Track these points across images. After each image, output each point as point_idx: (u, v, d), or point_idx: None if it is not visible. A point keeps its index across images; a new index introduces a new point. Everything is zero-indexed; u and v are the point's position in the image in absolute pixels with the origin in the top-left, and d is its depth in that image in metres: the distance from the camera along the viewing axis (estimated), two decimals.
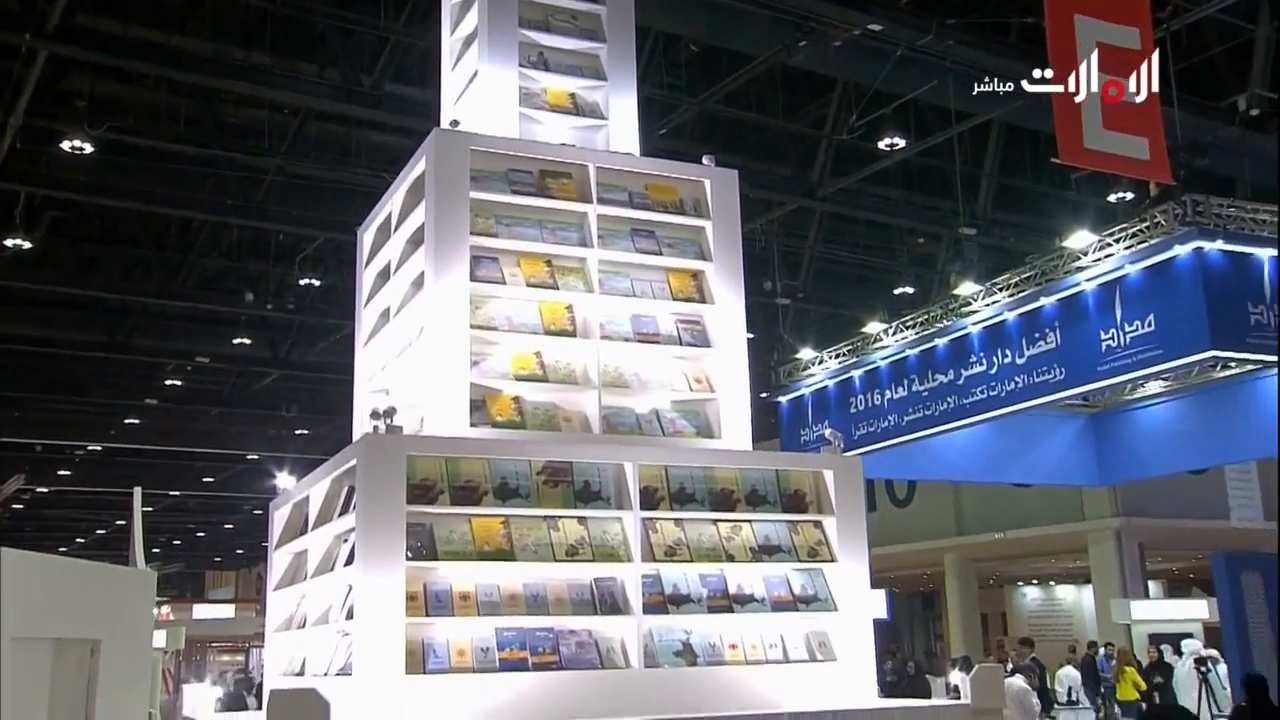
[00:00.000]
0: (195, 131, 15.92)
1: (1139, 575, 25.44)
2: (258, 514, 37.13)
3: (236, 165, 16.39)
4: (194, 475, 36.30)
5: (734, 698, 6.49)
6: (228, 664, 39.09)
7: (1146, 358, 12.88)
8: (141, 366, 24.70)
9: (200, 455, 32.71)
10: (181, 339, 23.19)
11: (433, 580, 6.26)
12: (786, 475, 7.06)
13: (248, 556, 53.97)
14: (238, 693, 19.10)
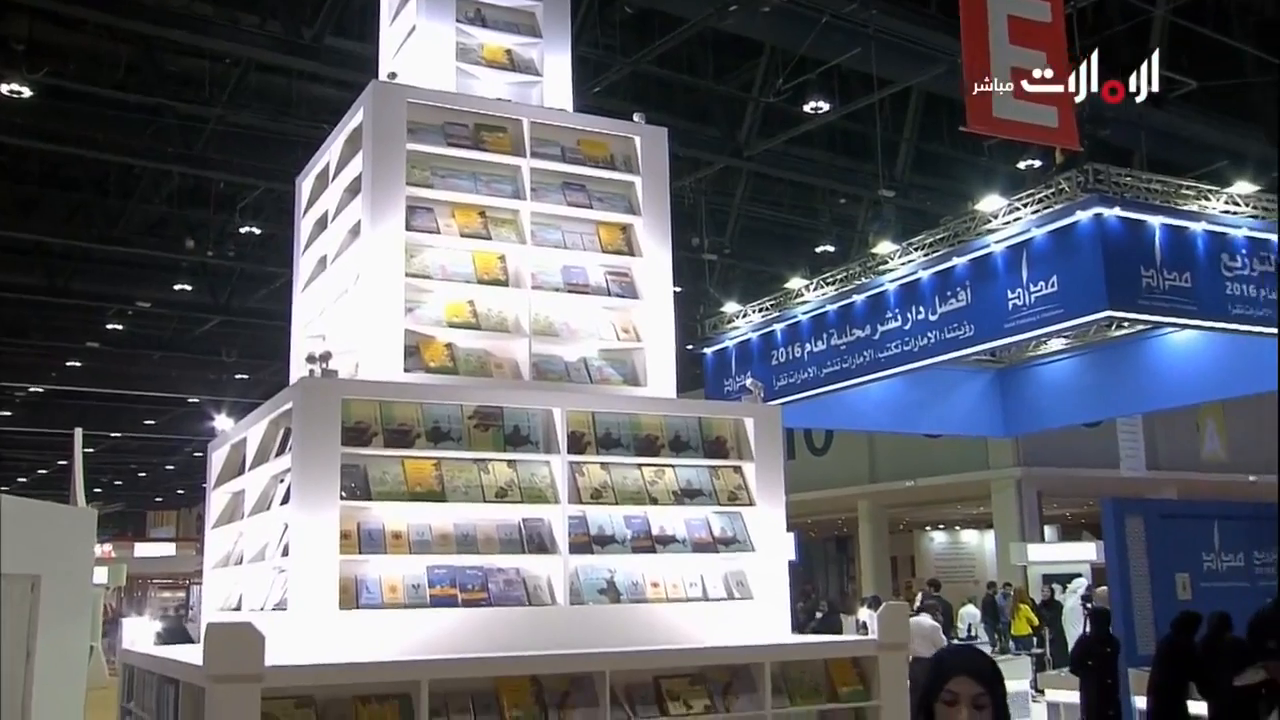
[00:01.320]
0: (136, 79, 15.58)
1: (1036, 520, 26.01)
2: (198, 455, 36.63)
3: (178, 113, 16.08)
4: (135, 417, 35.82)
5: (655, 633, 6.53)
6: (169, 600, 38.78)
7: (1049, 316, 13.04)
8: (83, 310, 24.28)
9: (141, 398, 32.29)
10: (123, 284, 22.81)
11: (366, 519, 6.21)
12: (709, 422, 7.07)
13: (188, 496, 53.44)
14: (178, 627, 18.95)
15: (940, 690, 2.74)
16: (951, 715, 2.72)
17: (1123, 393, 18.74)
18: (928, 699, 2.78)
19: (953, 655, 2.91)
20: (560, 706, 6.04)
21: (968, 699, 2.72)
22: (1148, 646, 11.45)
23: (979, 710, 2.72)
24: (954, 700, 2.72)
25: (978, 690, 2.74)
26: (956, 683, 2.73)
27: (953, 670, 2.76)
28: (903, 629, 6.70)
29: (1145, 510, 12.97)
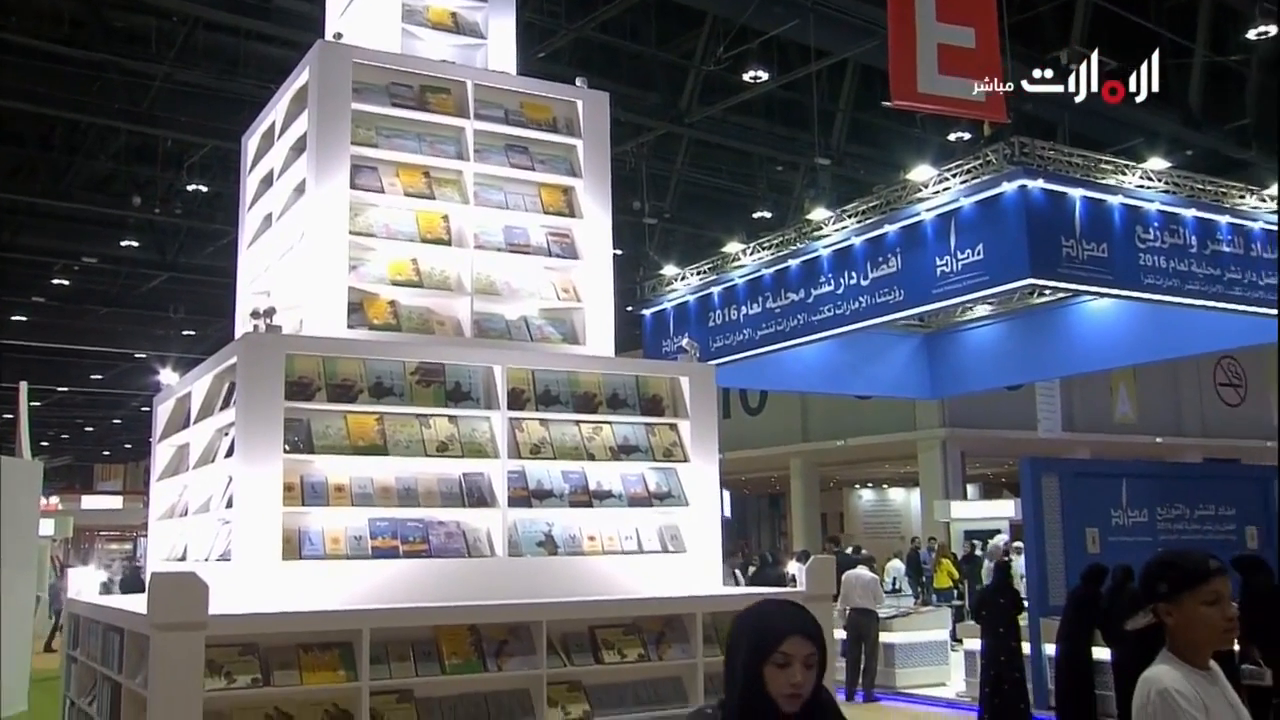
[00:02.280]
0: (81, 34, 15.20)
1: (959, 479, 26.41)
2: (145, 410, 36.16)
3: (124, 70, 15.74)
4: (82, 372, 35.25)
5: (591, 585, 6.55)
6: (116, 552, 38.44)
7: (975, 283, 13.18)
8: (29, 265, 23.79)
9: (88, 353, 31.75)
10: (69, 239, 22.39)
11: (309, 472, 6.17)
12: (645, 381, 7.08)
13: (135, 451, 52.74)
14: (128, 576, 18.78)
15: (772, 652, 2.54)
16: (783, 677, 2.53)
17: (1042, 358, 19.06)
18: (756, 660, 2.55)
19: (784, 615, 2.63)
20: (498, 655, 6.05)
21: (801, 659, 2.55)
22: (1059, 597, 11.70)
23: (808, 670, 2.56)
24: (787, 662, 2.54)
25: (810, 650, 2.58)
26: (791, 644, 2.55)
27: (787, 631, 2.57)
28: (829, 582, 6.79)
29: (1060, 469, 13.23)
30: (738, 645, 2.64)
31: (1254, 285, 14.19)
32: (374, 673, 5.71)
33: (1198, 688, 2.89)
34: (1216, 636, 2.96)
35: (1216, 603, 2.95)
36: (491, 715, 6.01)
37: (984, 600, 11.89)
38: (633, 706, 6.22)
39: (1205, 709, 2.84)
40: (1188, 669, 2.93)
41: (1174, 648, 2.98)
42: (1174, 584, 2.99)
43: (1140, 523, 13.00)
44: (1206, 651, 2.99)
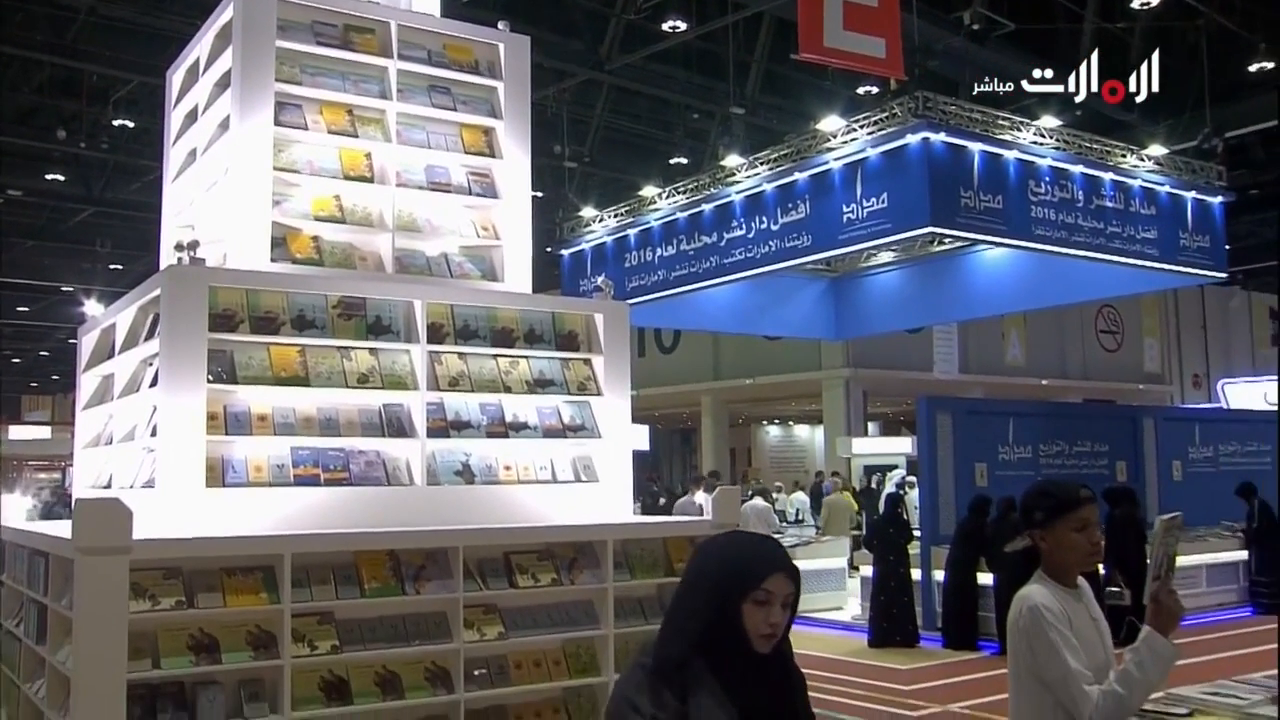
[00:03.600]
0: None
1: (861, 417, 26.82)
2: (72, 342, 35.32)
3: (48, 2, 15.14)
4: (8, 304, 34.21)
5: (507, 512, 6.58)
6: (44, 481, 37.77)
7: (878, 230, 13.32)
8: None
9: (13, 285, 30.80)
10: None
11: (232, 402, 6.10)
12: (561, 317, 7.07)
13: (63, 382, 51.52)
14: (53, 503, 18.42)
15: (755, 589, 2.33)
16: (762, 615, 2.33)
17: (940, 303, 19.38)
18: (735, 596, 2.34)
19: (768, 552, 2.43)
20: (416, 579, 6.06)
21: (782, 598, 2.36)
22: (949, 527, 11.99)
23: (784, 610, 2.37)
24: (768, 600, 2.33)
25: (790, 590, 2.38)
26: (774, 581, 2.34)
27: (771, 568, 2.36)
28: (734, 511, 6.87)
29: (953, 408, 13.49)
30: (708, 579, 2.38)
31: (1133, 239, 14.54)
32: (295, 596, 5.69)
33: (1064, 605, 3.00)
34: (1084, 559, 3.08)
35: (1085, 529, 3.07)
36: (410, 636, 6.03)
37: (876, 530, 12.15)
38: (546, 628, 6.27)
39: (1069, 623, 2.95)
40: (1057, 588, 3.05)
41: (1046, 569, 3.10)
42: (1048, 511, 3.10)
43: (1025, 458, 13.34)
44: (1074, 573, 3.11)
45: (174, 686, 5.48)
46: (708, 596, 2.35)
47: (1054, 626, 2.92)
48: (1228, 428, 17.27)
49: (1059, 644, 2.89)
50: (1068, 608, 3.01)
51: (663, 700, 2.22)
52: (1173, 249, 15.10)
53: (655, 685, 2.25)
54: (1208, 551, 13.88)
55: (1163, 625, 2.84)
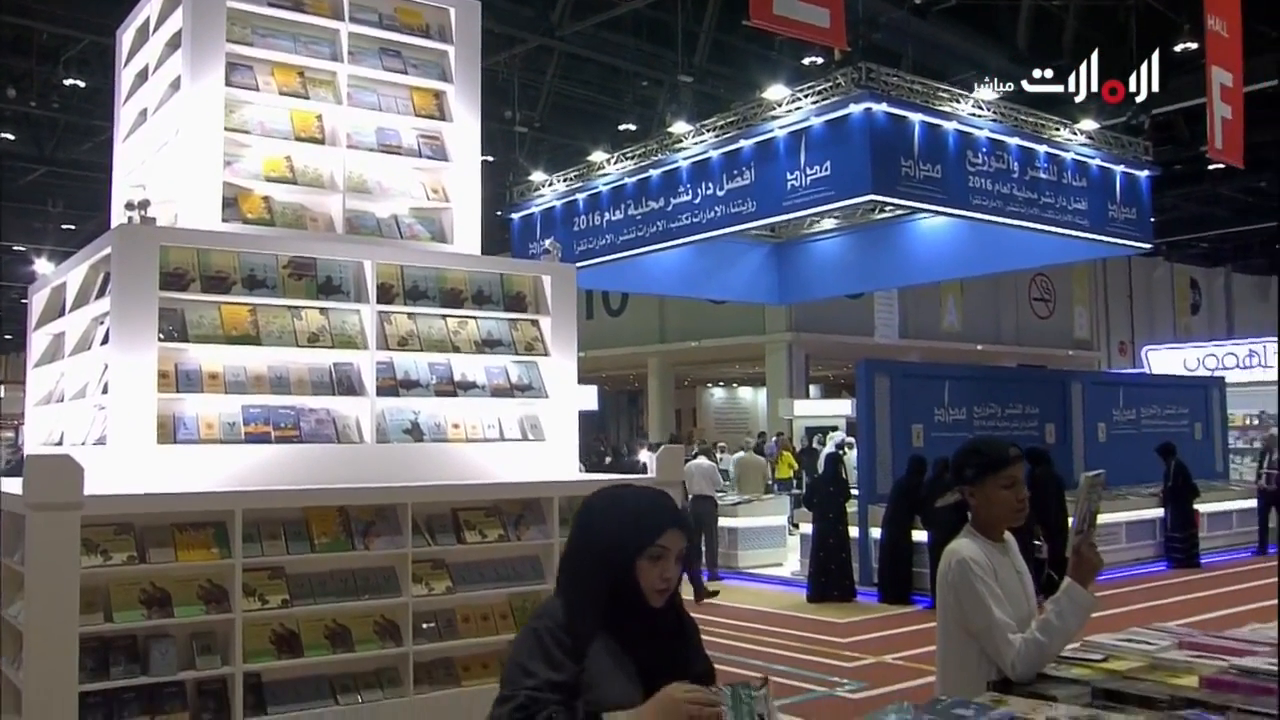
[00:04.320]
0: None
1: (803, 379, 27.01)
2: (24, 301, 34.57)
3: None
4: None
5: (455, 470, 6.58)
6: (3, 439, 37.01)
7: (821, 197, 13.39)
8: None
9: None
10: None
11: (183, 361, 6.03)
12: (510, 279, 7.05)
13: (15, 342, 50.49)
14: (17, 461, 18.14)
15: (650, 545, 2.26)
16: (657, 571, 2.27)
17: (881, 269, 19.54)
18: (630, 554, 2.26)
19: (661, 507, 2.34)
20: (366, 535, 6.07)
21: (675, 553, 2.31)
22: (886, 486, 12.14)
23: (677, 563, 2.32)
24: (662, 555, 2.27)
25: (684, 543, 2.33)
26: (668, 537, 2.28)
27: (666, 524, 2.30)
28: (677, 469, 6.93)
29: (891, 371, 13.63)
30: (603, 538, 2.30)
31: (1064, 210, 14.73)
32: (247, 551, 5.68)
33: (991, 558, 3.07)
34: (1010, 515, 3.15)
35: (1012, 486, 3.14)
36: (359, 591, 6.04)
37: (815, 489, 12.29)
38: (493, 583, 6.30)
39: (995, 575, 3.02)
40: (984, 542, 3.12)
41: (975, 524, 3.16)
42: (979, 469, 3.16)
43: (959, 419, 13.52)
44: (1001, 527, 3.18)
45: (126, 639, 5.45)
46: (603, 556, 2.28)
47: (981, 579, 2.99)
48: (1150, 392, 17.62)
49: (985, 595, 2.95)
50: (994, 561, 3.08)
51: (557, 662, 2.16)
52: (1102, 220, 15.33)
53: (548, 648, 2.17)
54: (1128, 509, 14.18)
55: (1083, 576, 2.91)
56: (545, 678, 2.12)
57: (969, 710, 2.39)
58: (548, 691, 2.10)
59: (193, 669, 5.55)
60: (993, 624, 2.91)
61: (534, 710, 2.07)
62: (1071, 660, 2.91)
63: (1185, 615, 9.77)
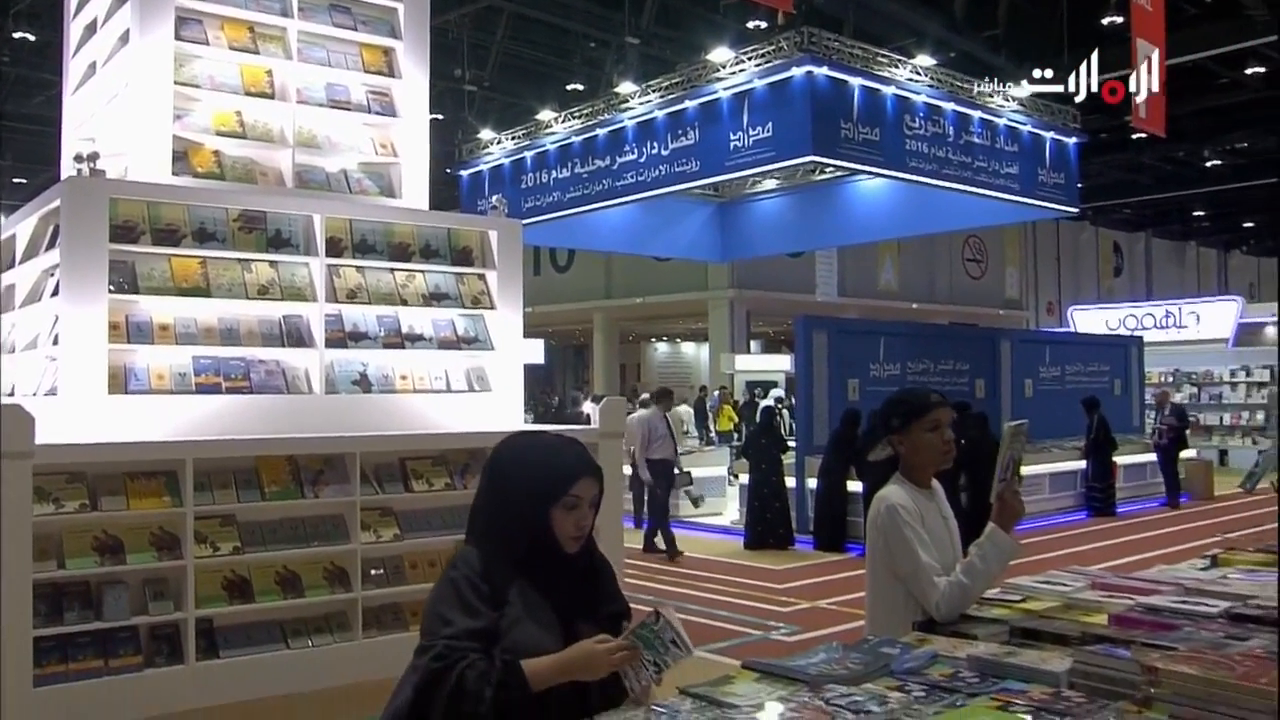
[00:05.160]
0: None
1: (744, 335, 27.13)
2: None
3: None
4: None
5: (403, 420, 6.58)
6: None
7: (763, 157, 13.40)
8: None
9: None
10: None
11: (134, 312, 5.96)
12: (457, 233, 7.02)
13: None
14: None
15: (564, 495, 2.22)
16: (571, 519, 2.23)
17: (821, 229, 19.61)
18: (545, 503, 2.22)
19: (575, 456, 2.29)
20: (315, 483, 6.06)
21: (589, 501, 2.26)
22: (822, 438, 12.25)
23: (591, 509, 2.28)
24: (576, 504, 2.23)
25: (597, 491, 2.28)
26: (582, 486, 2.24)
27: (580, 473, 2.25)
28: (619, 421, 6.97)
29: (828, 327, 13.72)
30: (517, 487, 2.24)
31: (997, 174, 14.88)
32: (198, 499, 5.66)
33: (918, 504, 3.12)
34: (937, 458, 3.19)
35: (937, 429, 3.18)
36: (309, 538, 6.04)
37: (752, 441, 12.39)
38: (439, 530, 6.33)
39: (922, 521, 3.08)
40: (912, 488, 3.16)
41: (903, 471, 3.21)
42: (904, 416, 3.21)
43: (894, 374, 13.66)
44: (929, 472, 3.22)
45: (80, 586, 5.42)
46: (517, 505, 2.23)
47: (908, 524, 3.04)
48: (1074, 350, 17.91)
49: (912, 540, 3.01)
50: (921, 506, 3.13)
51: (474, 610, 2.12)
52: (1032, 184, 15.50)
53: (465, 597, 2.13)
54: (1051, 461, 14.45)
55: (1005, 522, 2.96)
56: (463, 626, 2.09)
57: (894, 649, 2.45)
58: (466, 640, 2.08)
59: (145, 614, 5.54)
60: (919, 567, 2.96)
61: (452, 659, 2.05)
62: (993, 602, 2.98)
63: (1102, 560, 10.01)
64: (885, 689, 2.12)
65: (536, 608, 2.18)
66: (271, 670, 5.77)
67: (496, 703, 2.01)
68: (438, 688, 2.03)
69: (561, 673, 2.08)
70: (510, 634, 2.12)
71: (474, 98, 20.34)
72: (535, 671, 2.06)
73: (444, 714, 2.04)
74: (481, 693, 2.01)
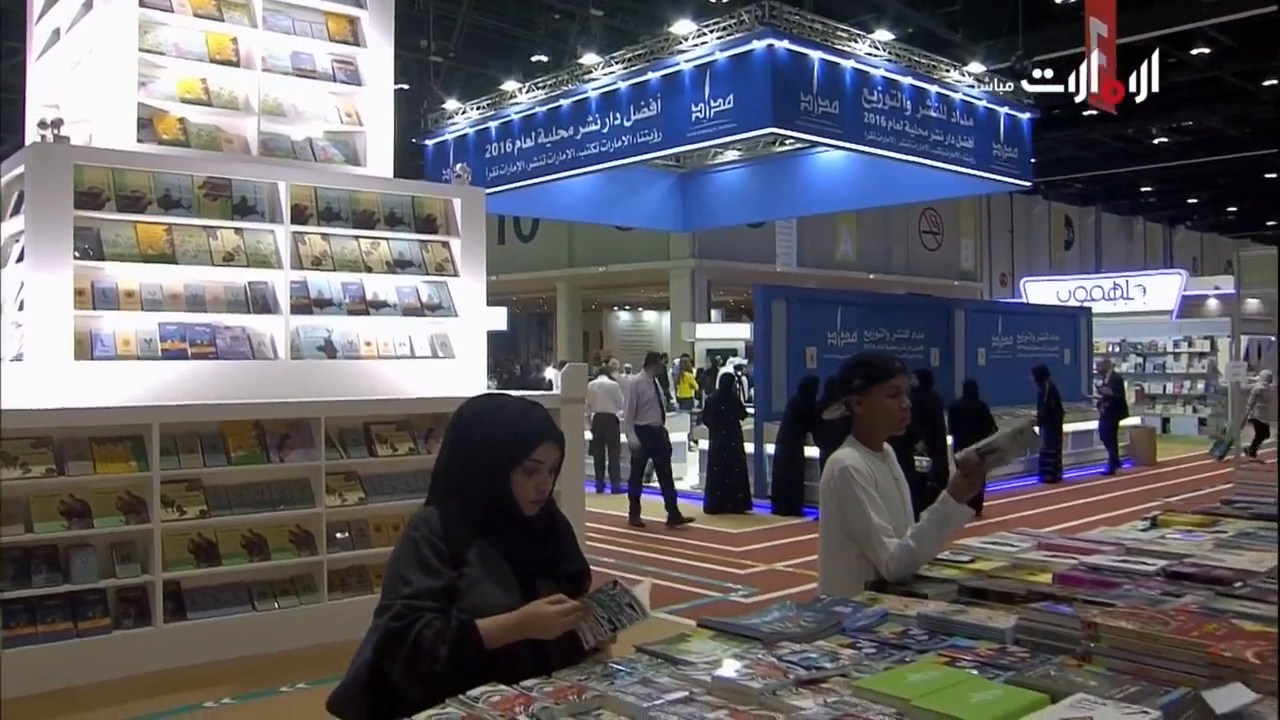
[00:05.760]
0: None
1: (705, 304, 27.16)
2: None
3: None
4: None
5: (367, 386, 6.56)
6: None
7: (725, 128, 13.37)
8: None
9: None
10: None
11: (99, 278, 5.89)
12: (421, 201, 6.99)
13: None
14: None
15: (525, 459, 2.21)
16: (532, 483, 2.23)
17: (781, 200, 19.63)
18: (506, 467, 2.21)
19: (537, 421, 2.28)
20: (280, 448, 6.04)
21: (549, 465, 2.25)
22: (781, 405, 12.33)
23: (551, 474, 2.28)
24: (537, 469, 2.23)
25: (558, 455, 2.28)
26: (543, 450, 2.23)
27: (541, 438, 2.24)
28: (580, 387, 6.98)
29: (787, 296, 13.77)
30: (479, 450, 2.23)
31: (953, 147, 14.94)
32: (164, 464, 5.64)
33: (871, 466, 3.15)
34: (893, 423, 3.21)
35: (896, 395, 3.19)
36: (275, 502, 6.03)
37: (711, 408, 12.44)
38: (404, 494, 6.33)
39: (875, 483, 3.10)
40: (866, 451, 3.18)
41: (857, 434, 3.22)
42: (867, 378, 3.20)
43: (850, 343, 13.74)
44: (883, 436, 3.24)
45: (47, 549, 5.39)
46: (478, 468, 2.23)
47: (861, 486, 3.06)
48: (1025, 320, 18.10)
49: (864, 501, 3.03)
50: (874, 470, 3.15)
51: (433, 570, 2.12)
52: (987, 158, 15.59)
53: (425, 557, 2.13)
54: (1003, 428, 14.56)
55: (958, 492, 2.98)
56: (422, 585, 2.09)
57: (846, 608, 2.48)
58: (425, 599, 2.08)
59: (113, 577, 5.52)
60: (871, 528, 2.99)
61: (411, 618, 2.05)
62: (943, 562, 3.02)
63: (1050, 524, 10.18)
64: (837, 646, 2.16)
65: (495, 568, 2.18)
66: (238, 632, 5.78)
67: (452, 660, 2.02)
68: (396, 646, 2.04)
69: (515, 631, 2.09)
70: (469, 594, 2.13)
71: (439, 68, 20.12)
72: (490, 630, 2.07)
73: (402, 672, 2.05)
74: (437, 651, 2.02)
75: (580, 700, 1.83)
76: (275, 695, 5.27)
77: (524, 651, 2.11)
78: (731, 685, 1.87)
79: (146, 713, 5.04)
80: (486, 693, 1.87)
